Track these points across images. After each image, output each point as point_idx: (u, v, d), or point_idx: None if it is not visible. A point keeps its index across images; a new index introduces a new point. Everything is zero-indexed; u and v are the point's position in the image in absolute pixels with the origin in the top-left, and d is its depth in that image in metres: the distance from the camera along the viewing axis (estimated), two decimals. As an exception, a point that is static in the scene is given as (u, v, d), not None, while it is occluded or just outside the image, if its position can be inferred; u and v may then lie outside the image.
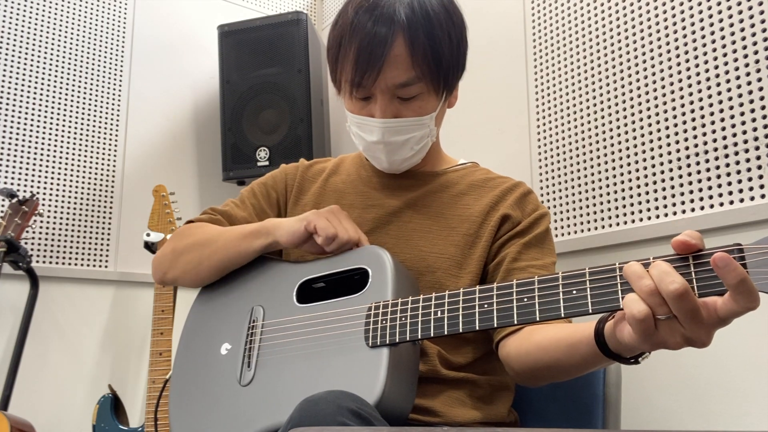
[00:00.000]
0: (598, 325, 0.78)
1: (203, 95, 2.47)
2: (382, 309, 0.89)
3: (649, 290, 0.64)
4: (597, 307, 0.70)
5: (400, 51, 0.99)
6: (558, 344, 0.88)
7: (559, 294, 0.74)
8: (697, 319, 0.64)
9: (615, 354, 0.76)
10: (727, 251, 0.63)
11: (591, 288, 0.71)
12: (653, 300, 0.64)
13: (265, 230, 1.06)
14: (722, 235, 1.24)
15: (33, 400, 1.95)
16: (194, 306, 1.16)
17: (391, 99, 1.03)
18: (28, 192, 2.03)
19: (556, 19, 1.66)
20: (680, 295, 0.62)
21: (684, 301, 0.63)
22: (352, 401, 0.72)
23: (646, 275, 0.65)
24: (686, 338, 0.65)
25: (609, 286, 0.70)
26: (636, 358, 0.76)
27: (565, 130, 1.60)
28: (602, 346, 0.77)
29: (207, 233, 1.11)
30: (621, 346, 0.73)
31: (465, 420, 0.98)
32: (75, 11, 2.21)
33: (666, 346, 0.66)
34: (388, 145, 1.06)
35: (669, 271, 0.64)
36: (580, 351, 0.82)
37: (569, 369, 0.88)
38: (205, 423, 1.02)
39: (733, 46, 1.26)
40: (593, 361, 0.81)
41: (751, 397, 1.17)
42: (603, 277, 0.71)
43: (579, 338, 0.82)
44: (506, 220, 1.07)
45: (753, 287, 0.61)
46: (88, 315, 2.11)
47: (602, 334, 0.76)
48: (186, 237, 1.13)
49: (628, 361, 0.76)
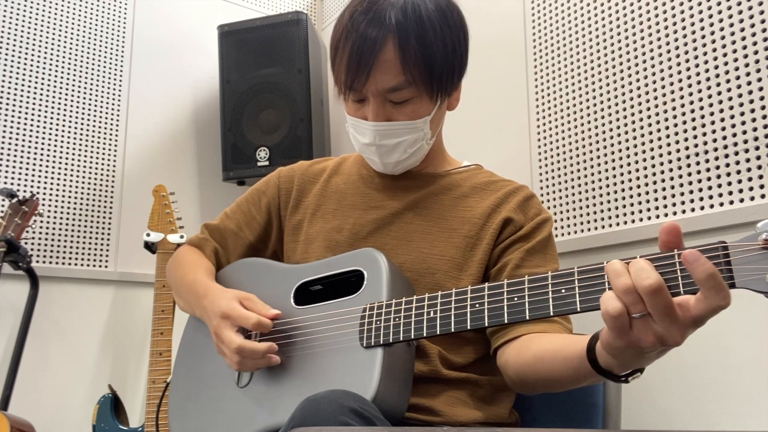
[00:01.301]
0: (591, 340, 0.78)
1: (203, 95, 2.47)
2: (377, 310, 0.90)
3: (625, 287, 0.65)
4: (585, 306, 0.72)
5: (389, 55, 0.99)
6: (554, 356, 0.88)
7: (549, 293, 0.75)
8: (671, 317, 0.64)
9: (605, 371, 0.76)
10: (712, 248, 0.63)
11: (579, 287, 0.73)
12: (628, 298, 0.65)
13: (201, 308, 1.06)
14: (722, 235, 1.24)
15: (33, 400, 1.95)
16: (194, 307, 1.17)
17: (383, 102, 1.03)
18: (28, 192, 2.03)
19: (556, 19, 1.66)
20: (654, 291, 0.63)
21: (658, 297, 0.63)
22: (353, 400, 0.72)
23: (624, 273, 0.66)
24: (660, 337, 0.65)
25: (597, 284, 0.71)
26: (626, 377, 0.76)
27: (565, 130, 1.60)
28: (593, 362, 0.77)
29: (180, 275, 1.17)
30: (609, 360, 0.74)
31: (466, 420, 0.98)
32: (75, 11, 2.21)
33: (640, 344, 0.67)
34: (380, 147, 1.06)
35: (645, 268, 0.65)
36: (573, 364, 0.83)
37: (563, 381, 0.88)
38: (204, 424, 1.03)
39: (733, 46, 1.26)
40: (585, 375, 0.81)
41: (751, 397, 1.17)
42: (591, 275, 0.72)
43: (573, 351, 0.83)
44: (508, 224, 1.07)
45: (723, 283, 0.61)
46: (88, 315, 2.11)
47: (594, 350, 0.77)
48: (170, 270, 1.23)
49: (618, 379, 0.76)
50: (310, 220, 1.16)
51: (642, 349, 0.67)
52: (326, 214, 1.15)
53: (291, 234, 1.18)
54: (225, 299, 1.00)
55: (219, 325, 0.97)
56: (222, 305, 0.98)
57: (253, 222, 1.21)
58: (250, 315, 0.95)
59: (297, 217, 1.18)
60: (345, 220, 1.12)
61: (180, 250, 1.23)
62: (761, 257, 0.61)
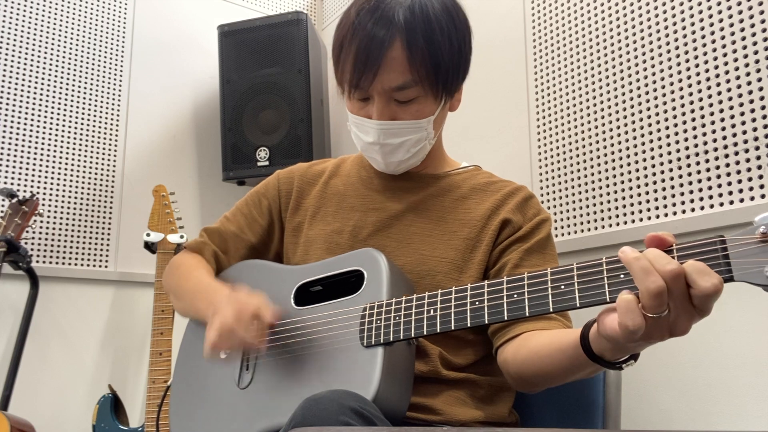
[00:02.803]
0: (584, 328, 0.79)
1: (203, 95, 2.47)
2: (377, 309, 0.90)
3: (671, 271, 0.64)
4: (584, 301, 0.72)
5: (397, 54, 0.99)
6: (549, 348, 0.89)
7: (548, 290, 0.75)
8: (684, 303, 0.65)
9: (598, 357, 0.76)
10: (710, 243, 0.64)
11: (579, 283, 0.73)
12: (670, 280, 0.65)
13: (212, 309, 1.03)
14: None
15: (33, 400, 1.95)
16: (194, 308, 1.16)
17: (388, 101, 1.03)
18: (28, 192, 2.03)
19: (556, 19, 1.66)
20: (677, 275, 0.64)
21: (679, 282, 0.64)
22: (354, 400, 0.72)
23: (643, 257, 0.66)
24: (671, 324, 0.66)
25: (596, 280, 0.72)
26: (620, 364, 0.76)
27: (565, 130, 1.60)
28: (587, 349, 0.77)
29: (179, 279, 1.16)
30: (604, 346, 0.74)
31: (466, 419, 0.98)
32: (75, 11, 2.21)
33: (651, 337, 0.67)
34: (384, 146, 1.06)
35: (662, 254, 0.66)
36: (568, 354, 0.83)
37: (560, 373, 0.88)
38: (205, 425, 1.03)
39: (733, 46, 1.26)
40: (580, 365, 0.82)
41: (751, 397, 1.17)
42: (590, 271, 0.72)
43: (567, 341, 0.83)
44: (507, 225, 1.07)
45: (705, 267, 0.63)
46: (88, 315, 2.11)
47: (587, 337, 0.77)
48: (169, 276, 1.22)
49: (612, 366, 0.77)
50: (309, 222, 1.16)
51: (650, 340, 0.68)
52: (326, 216, 1.15)
53: (291, 236, 1.18)
54: (228, 291, 1.02)
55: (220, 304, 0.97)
56: (226, 293, 1.01)
57: (255, 224, 1.20)
58: (251, 301, 0.96)
59: (297, 218, 1.18)
60: (345, 222, 1.12)
61: (178, 256, 1.23)
62: (759, 250, 0.61)
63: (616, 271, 0.70)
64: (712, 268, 0.63)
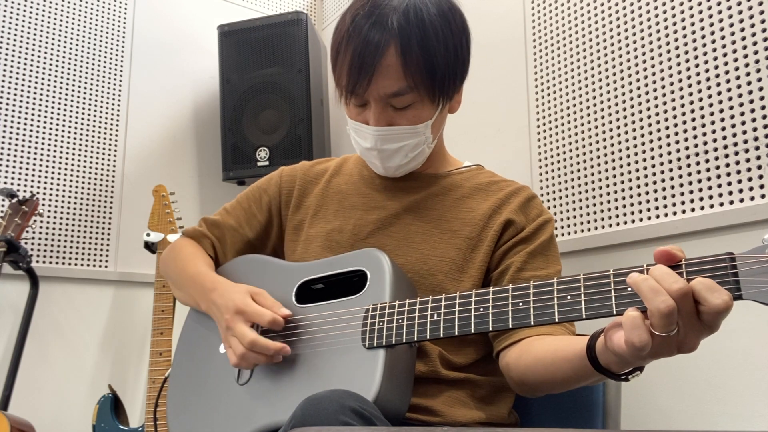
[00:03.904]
0: (591, 339, 0.78)
1: (203, 95, 2.47)
2: (380, 311, 0.90)
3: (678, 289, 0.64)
4: (590, 313, 0.72)
5: (391, 61, 0.98)
6: (554, 356, 0.88)
7: (554, 299, 0.75)
8: (692, 321, 0.65)
9: (605, 369, 0.76)
10: (719, 260, 0.64)
11: (585, 294, 0.72)
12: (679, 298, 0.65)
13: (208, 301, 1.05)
14: (722, 235, 1.24)
15: (33, 400, 1.95)
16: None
17: (385, 107, 1.02)
18: (28, 192, 2.03)
19: (556, 19, 1.66)
20: (685, 294, 0.63)
21: (686, 300, 0.64)
22: (354, 400, 0.72)
23: (650, 278, 0.66)
24: (679, 342, 0.66)
25: (603, 292, 0.71)
26: (627, 375, 0.76)
27: (565, 130, 1.60)
28: (593, 360, 0.77)
29: (180, 266, 1.16)
30: (610, 359, 0.74)
31: (466, 420, 0.98)
32: (75, 11, 2.21)
33: (659, 354, 0.67)
34: (382, 152, 1.05)
35: (669, 272, 0.65)
36: (574, 364, 0.83)
37: (563, 382, 0.88)
38: (203, 422, 1.02)
39: (733, 46, 1.26)
40: (585, 375, 0.82)
41: (751, 397, 1.17)
42: (597, 283, 0.72)
43: (573, 351, 0.83)
44: (509, 226, 1.06)
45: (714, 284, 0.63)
46: (88, 315, 2.11)
47: (593, 349, 0.77)
48: (169, 263, 1.21)
49: (618, 378, 0.76)
50: (311, 220, 1.16)
51: (658, 356, 0.68)
52: (327, 214, 1.15)
53: (292, 234, 1.18)
54: (238, 294, 0.99)
55: (232, 319, 0.97)
56: (236, 300, 0.98)
57: (254, 220, 1.20)
58: (265, 312, 0.95)
59: (298, 217, 1.18)
60: (346, 221, 1.12)
61: (177, 242, 1.22)
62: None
63: (624, 284, 0.69)
64: (721, 285, 0.63)
